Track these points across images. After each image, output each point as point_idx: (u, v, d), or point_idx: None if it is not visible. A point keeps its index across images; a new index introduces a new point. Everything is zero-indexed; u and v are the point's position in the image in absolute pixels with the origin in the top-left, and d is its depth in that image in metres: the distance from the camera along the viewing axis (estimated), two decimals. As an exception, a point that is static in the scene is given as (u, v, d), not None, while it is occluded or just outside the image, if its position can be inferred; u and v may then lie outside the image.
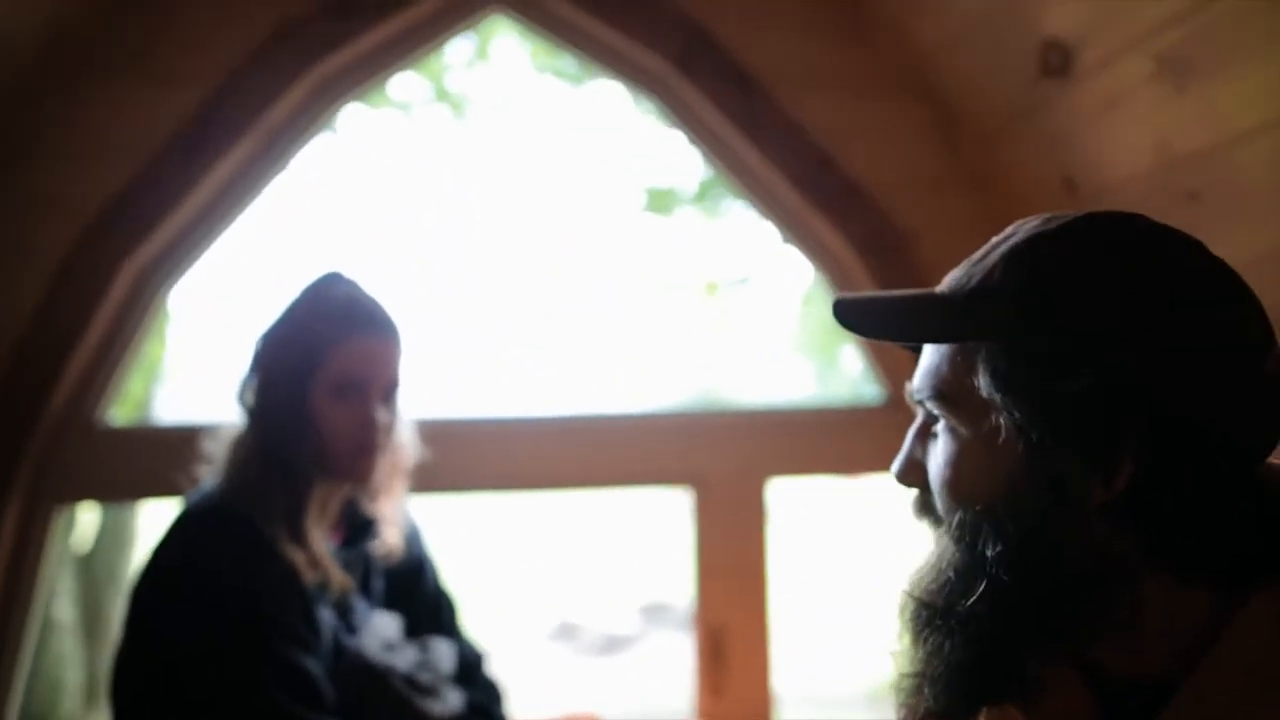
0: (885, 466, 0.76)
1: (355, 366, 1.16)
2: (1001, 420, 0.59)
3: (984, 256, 0.63)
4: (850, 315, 0.66)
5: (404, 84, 4.62)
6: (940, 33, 1.57)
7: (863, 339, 0.59)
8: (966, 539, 0.61)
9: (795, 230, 1.75)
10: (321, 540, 1.16)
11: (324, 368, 1.15)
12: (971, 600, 0.60)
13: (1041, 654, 0.61)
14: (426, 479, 1.37)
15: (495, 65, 4.94)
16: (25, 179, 1.54)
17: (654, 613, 6.07)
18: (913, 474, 0.67)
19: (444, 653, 1.27)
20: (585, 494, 1.76)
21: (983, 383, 0.60)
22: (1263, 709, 0.55)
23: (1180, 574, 0.59)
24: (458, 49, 4.75)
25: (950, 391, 0.62)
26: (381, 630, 1.22)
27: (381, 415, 1.18)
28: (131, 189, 1.56)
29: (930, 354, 0.65)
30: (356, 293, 1.20)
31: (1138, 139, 1.35)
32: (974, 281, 0.62)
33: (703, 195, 5.22)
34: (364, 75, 1.67)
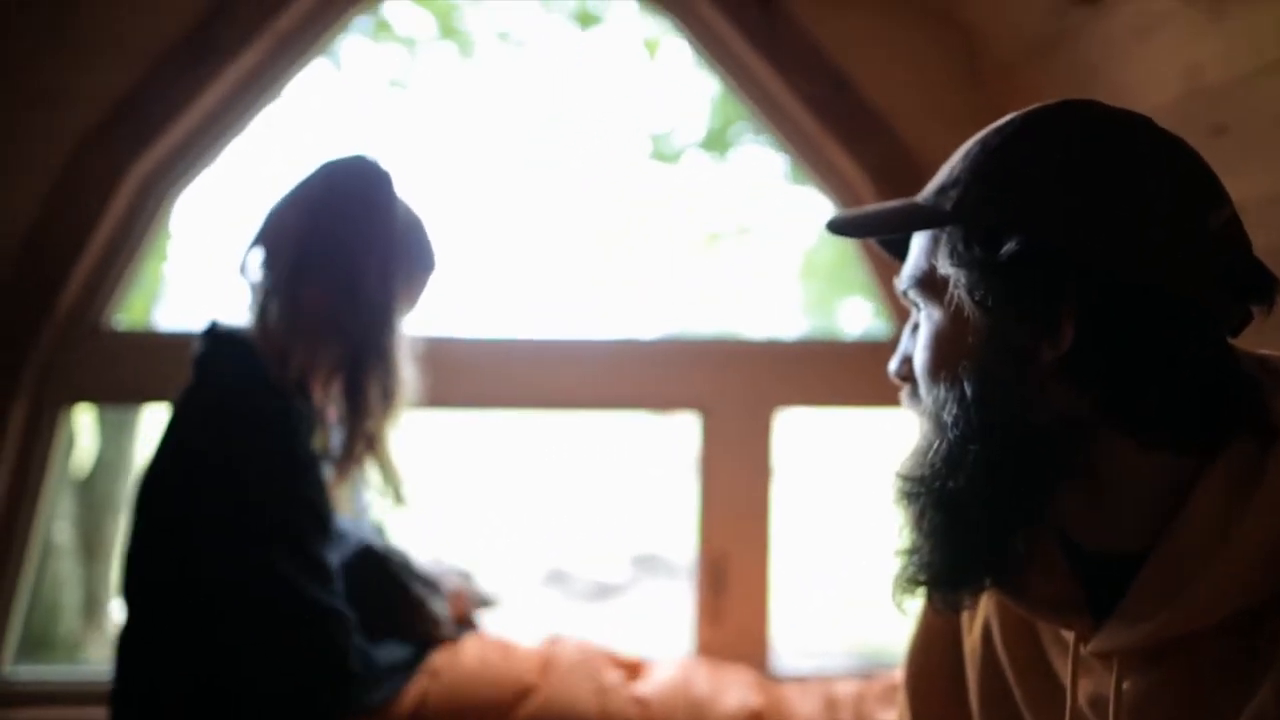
0: (892, 401, 0.81)
1: (419, 297, 1.24)
2: (959, 295, 0.65)
3: (961, 157, 0.69)
4: (840, 225, 0.76)
5: (408, 19, 4.54)
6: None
7: (874, 257, 0.67)
8: (938, 412, 0.66)
9: (808, 156, 1.72)
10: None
11: (406, 295, 1.20)
12: (943, 468, 0.64)
13: (1013, 522, 0.64)
14: (437, 395, 1.36)
15: (503, 4, 4.86)
16: (31, 77, 1.51)
17: (645, 563, 6.11)
18: (905, 366, 0.73)
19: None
20: (596, 416, 1.77)
21: (942, 263, 0.66)
22: (1221, 571, 0.57)
23: (1143, 438, 0.61)
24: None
25: (923, 277, 0.69)
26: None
27: None
28: (137, 91, 1.53)
29: (911, 250, 0.71)
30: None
31: (1166, 69, 1.32)
32: (937, 181, 0.69)
33: (710, 143, 5.17)
34: (378, -17, 1.63)
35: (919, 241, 0.70)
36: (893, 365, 0.74)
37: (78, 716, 1.54)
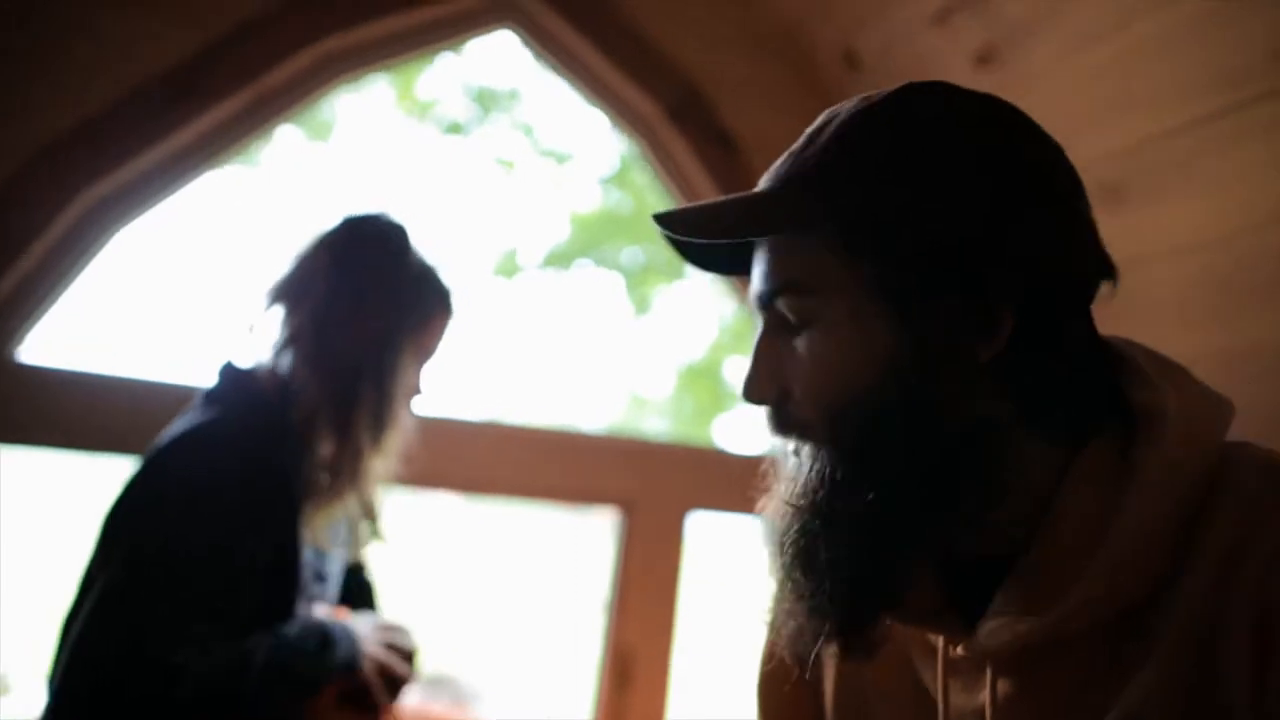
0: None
1: (437, 341, 1.23)
2: (866, 294, 0.57)
3: (807, 146, 0.61)
4: (688, 224, 0.62)
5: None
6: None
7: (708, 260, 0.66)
8: (852, 431, 0.57)
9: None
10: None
11: (421, 332, 1.20)
12: (847, 494, 0.56)
13: (925, 541, 0.57)
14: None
15: (368, 101, 4.90)
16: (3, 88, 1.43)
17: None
18: (769, 386, 0.61)
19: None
20: (518, 506, 1.77)
21: (837, 260, 0.58)
22: (1097, 572, 0.54)
23: (1048, 435, 0.58)
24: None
25: (807, 278, 0.59)
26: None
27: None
28: (107, 116, 1.47)
29: (769, 251, 0.61)
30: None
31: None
32: (810, 166, 0.60)
33: (561, 261, 5.35)
34: (368, 60, 1.67)
35: (778, 244, 0.60)
36: (749, 385, 0.61)
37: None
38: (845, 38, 1.73)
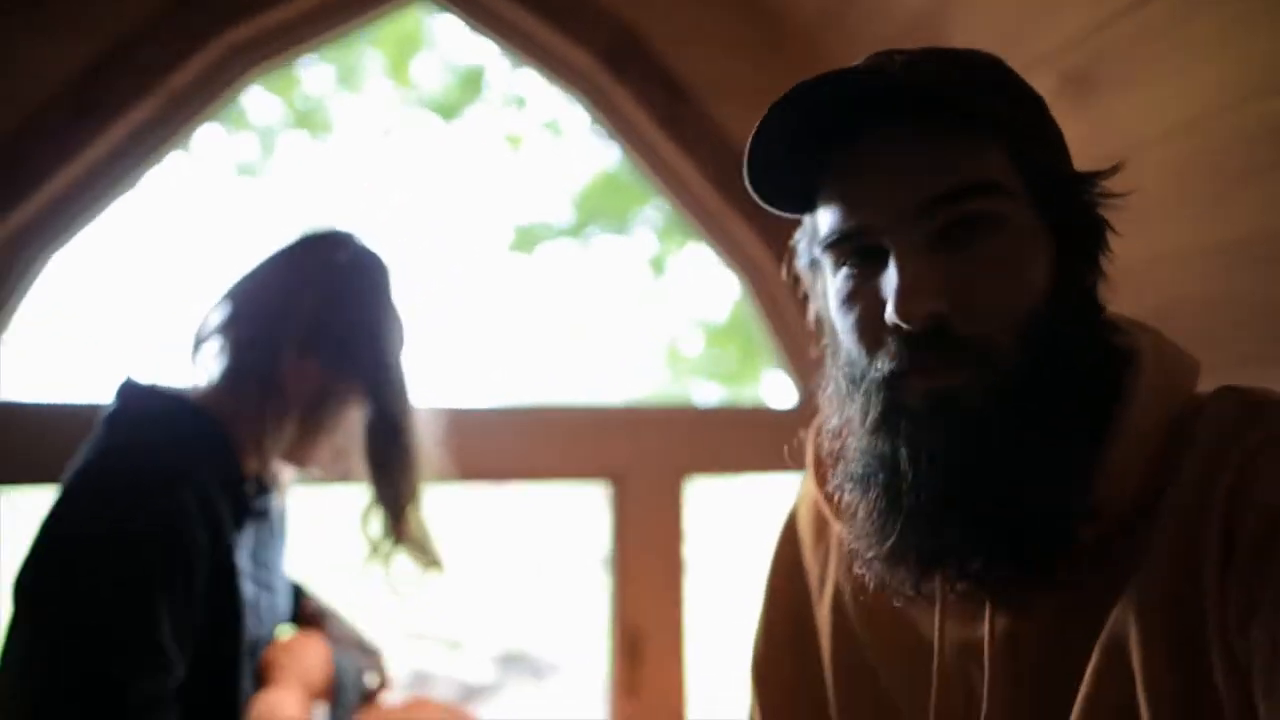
0: (796, 467, 0.74)
1: None
2: (1037, 204, 0.61)
3: (944, 60, 0.63)
4: (848, 88, 0.61)
5: (261, 105, 4.47)
6: (854, 53, 1.66)
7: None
8: (1038, 338, 0.59)
9: (714, 233, 1.79)
10: None
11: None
12: (1050, 406, 0.58)
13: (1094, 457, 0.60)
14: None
15: (362, 94, 4.83)
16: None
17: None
18: (941, 300, 0.58)
19: None
20: (504, 489, 1.71)
21: (1013, 166, 0.60)
22: (1101, 485, 0.60)
23: None
24: (320, 75, 4.64)
25: (1004, 180, 0.60)
26: None
27: None
28: (15, 139, 1.42)
29: (945, 151, 0.60)
30: None
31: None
32: (970, 76, 0.62)
33: (574, 231, 5.26)
34: (276, 47, 1.59)
35: (959, 144, 0.60)
36: (926, 303, 0.58)
37: None
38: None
